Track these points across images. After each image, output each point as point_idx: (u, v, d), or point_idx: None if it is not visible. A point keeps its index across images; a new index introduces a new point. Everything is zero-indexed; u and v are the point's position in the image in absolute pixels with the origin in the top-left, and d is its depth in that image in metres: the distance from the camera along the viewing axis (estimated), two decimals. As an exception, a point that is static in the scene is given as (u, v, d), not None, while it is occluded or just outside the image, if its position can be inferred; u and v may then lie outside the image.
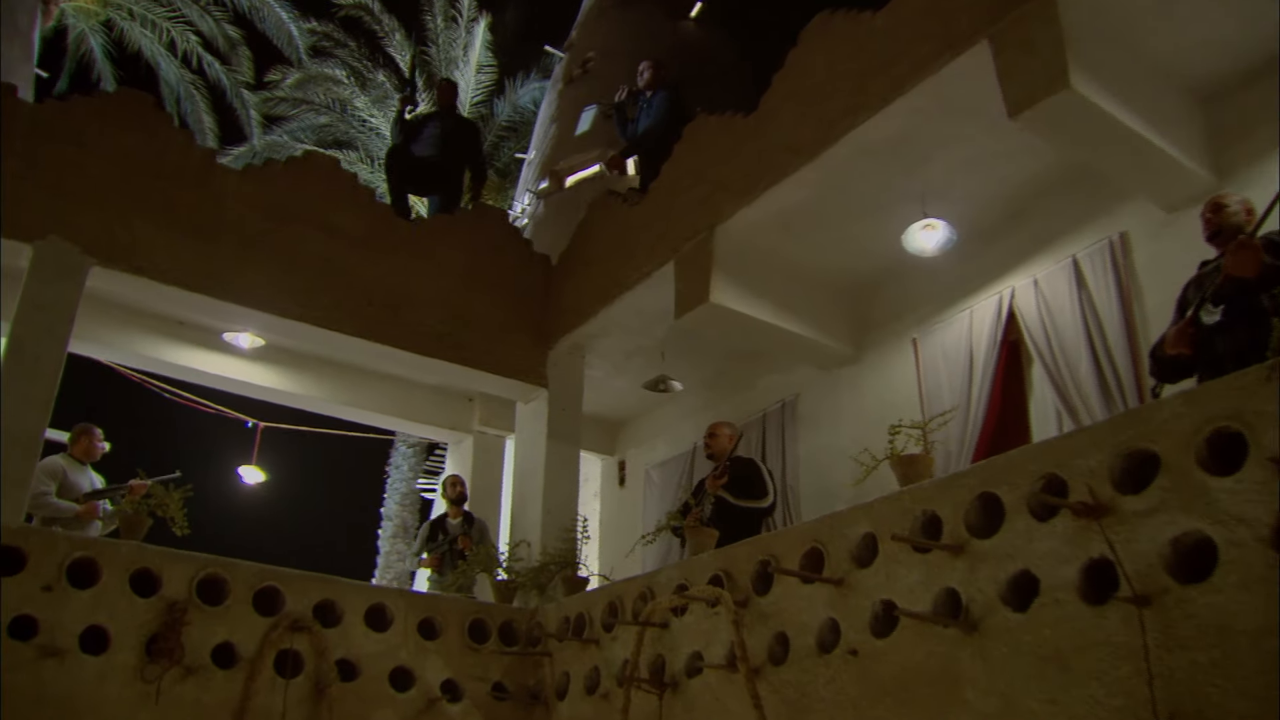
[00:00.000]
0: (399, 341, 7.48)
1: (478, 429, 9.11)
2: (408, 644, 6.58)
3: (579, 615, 6.62)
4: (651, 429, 9.62)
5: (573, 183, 13.09)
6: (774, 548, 5.23)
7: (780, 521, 7.39)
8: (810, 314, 7.24)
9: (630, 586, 6.23)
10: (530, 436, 8.16)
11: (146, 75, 18.96)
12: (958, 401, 6.37)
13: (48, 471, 6.97)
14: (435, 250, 7.92)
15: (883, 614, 4.48)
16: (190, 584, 6.02)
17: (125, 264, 6.58)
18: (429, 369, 7.86)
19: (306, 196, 7.43)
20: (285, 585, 6.32)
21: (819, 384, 7.77)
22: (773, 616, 5.08)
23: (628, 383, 8.87)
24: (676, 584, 5.79)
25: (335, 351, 7.79)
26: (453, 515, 8.09)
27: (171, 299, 6.91)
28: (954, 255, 6.43)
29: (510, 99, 20.71)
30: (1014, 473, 4.03)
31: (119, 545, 6.00)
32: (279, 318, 7.08)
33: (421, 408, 8.96)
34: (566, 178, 13.28)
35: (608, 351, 8.43)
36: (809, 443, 7.69)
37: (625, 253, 7.62)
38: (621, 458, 9.98)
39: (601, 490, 10.09)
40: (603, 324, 7.92)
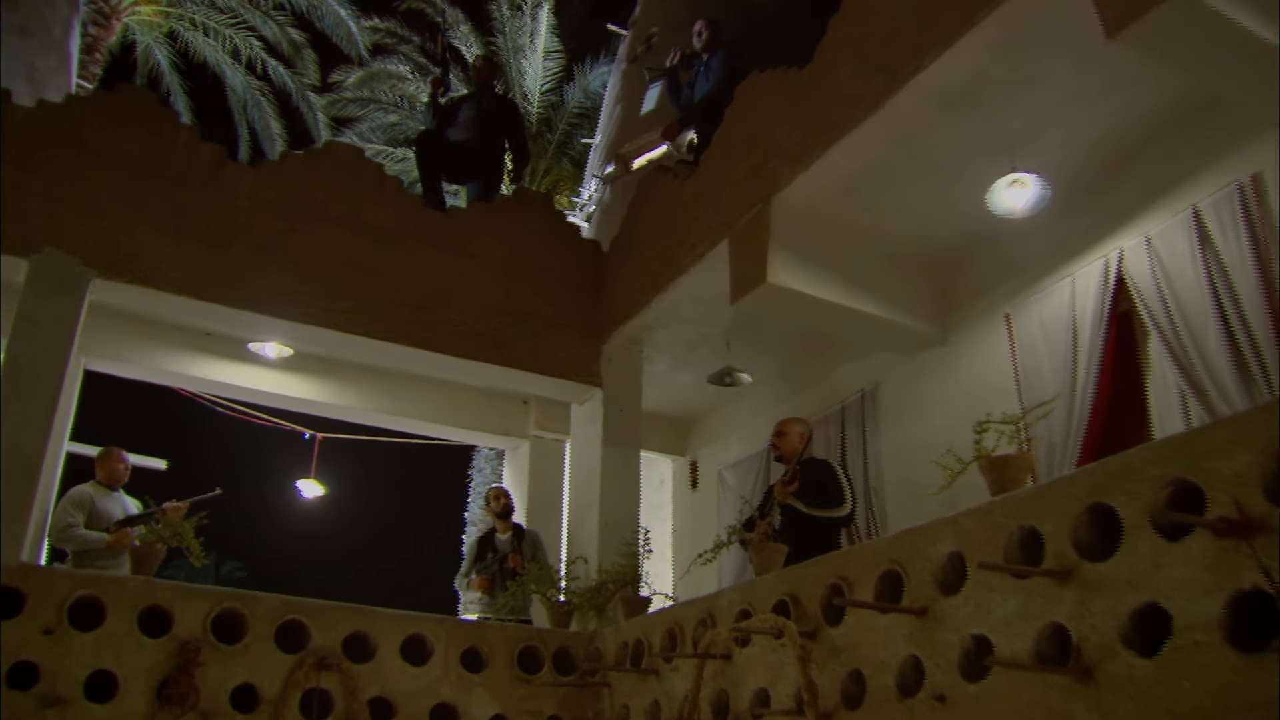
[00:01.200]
0: (434, 344, 6.89)
1: (534, 433, 8.50)
2: (450, 677, 5.99)
3: (637, 641, 5.94)
4: (723, 426, 8.87)
5: (640, 165, 12.37)
6: (846, 569, 4.46)
7: (863, 529, 6.60)
8: (886, 291, 6.42)
9: (690, 611, 5.53)
10: (585, 441, 7.50)
11: (214, 85, 18.92)
12: (1060, 386, 5.51)
13: (74, 502, 6.58)
14: (472, 242, 7.30)
15: (974, 652, 3.69)
16: (205, 621, 5.52)
17: (129, 275, 6.12)
18: (470, 371, 7.26)
19: (327, 191, 6.88)
20: (310, 618, 5.77)
21: (901, 371, 6.94)
22: (846, 651, 4.31)
23: (693, 377, 8.15)
24: (738, 609, 5.07)
25: (367, 357, 7.25)
26: (501, 530, 7.48)
27: (183, 309, 6.45)
28: (1049, 214, 5.55)
29: (580, 84, 20.15)
30: (1132, 478, 3.20)
31: (125, 582, 5.53)
32: (299, 324, 6.55)
33: (472, 413, 8.37)
34: (633, 160, 12.57)
35: (667, 343, 7.72)
36: (893, 438, 6.87)
37: (678, 233, 6.90)
38: (693, 458, 9.26)
39: (673, 494, 9.38)
40: (658, 313, 7.21)
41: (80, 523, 6.51)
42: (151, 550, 5.74)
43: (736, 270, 6.15)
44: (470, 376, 7.45)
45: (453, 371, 7.33)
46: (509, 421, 8.53)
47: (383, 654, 5.88)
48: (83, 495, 6.65)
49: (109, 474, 6.84)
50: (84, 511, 6.57)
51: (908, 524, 5.98)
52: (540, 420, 8.50)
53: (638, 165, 12.52)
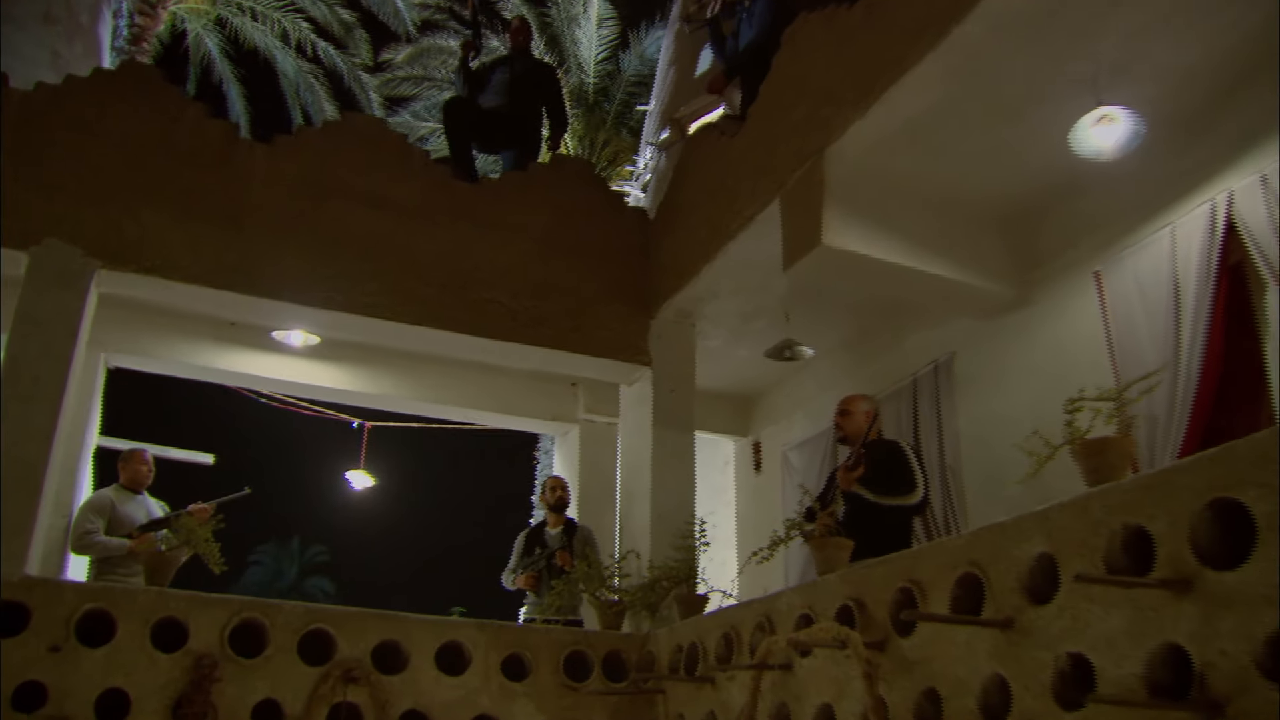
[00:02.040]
0: (466, 325, 6.42)
1: (584, 417, 8.03)
2: (490, 687, 5.55)
3: (691, 645, 5.43)
4: (786, 404, 8.30)
5: (696, 129, 11.79)
6: (918, 571, 3.89)
7: (939, 515, 5.98)
8: (957, 250, 5.79)
9: (746, 614, 5.00)
10: (635, 425, 6.98)
11: (265, 70, 18.71)
12: (1161, 352, 4.84)
13: (94, 507, 6.28)
14: (506, 215, 6.80)
15: (1071, 673, 3.10)
16: (222, 633, 5.15)
17: (135, 264, 5.76)
18: (508, 354, 6.78)
19: (347, 167, 6.45)
20: (336, 627, 5.37)
21: (978, 338, 6.30)
22: (919, 665, 3.75)
23: (750, 351, 7.57)
24: (799, 613, 4.53)
25: (397, 342, 6.82)
26: (552, 524, 7.01)
27: (194, 299, 6.07)
28: (1143, 155, 4.85)
29: (636, 51, 19.55)
30: (1267, 467, 2.58)
31: (135, 594, 5.17)
32: (320, 310, 6.12)
33: (518, 397, 7.92)
34: (690, 125, 11.99)
35: (721, 316, 7.16)
36: (971, 412, 6.23)
37: (726, 196, 6.33)
38: (755, 439, 8.70)
39: (736, 477, 8.83)
40: (709, 284, 6.65)
41: (100, 528, 6.21)
42: (165, 558, 5.38)
43: (789, 233, 5.57)
44: (510, 359, 6.97)
45: (489, 354, 6.85)
46: (557, 405, 8.06)
47: (416, 663, 5.46)
48: (103, 500, 6.35)
49: (132, 476, 6.53)
50: (104, 517, 6.26)
51: (989, 510, 5.40)
52: (590, 403, 8.02)
53: (694, 129, 11.94)
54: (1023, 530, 3.41)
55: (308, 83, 18.74)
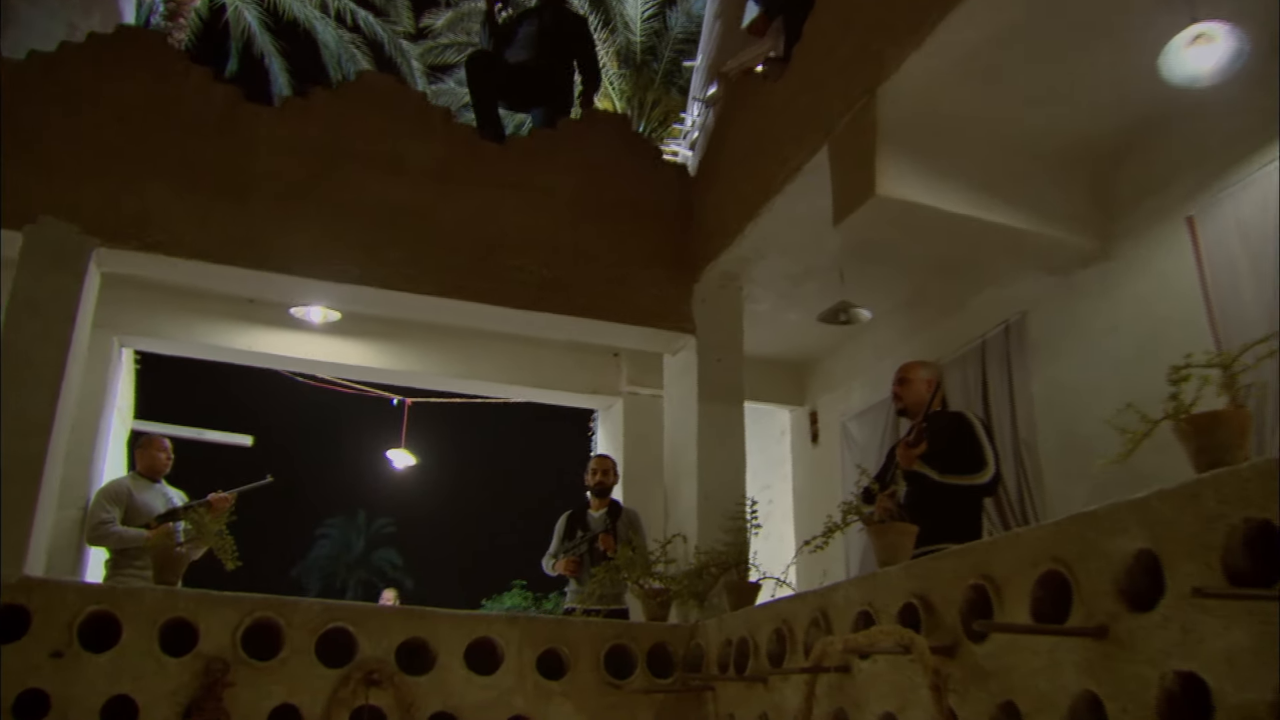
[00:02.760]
0: (494, 296, 5.99)
1: (627, 390, 7.58)
2: (524, 686, 5.15)
3: (741, 640, 4.98)
4: (843, 371, 7.78)
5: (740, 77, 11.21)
6: (992, 565, 3.37)
7: (1013, 494, 5.43)
8: (1029, 197, 5.21)
9: (800, 608, 4.53)
10: (680, 397, 6.51)
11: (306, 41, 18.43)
12: (1269, 308, 4.23)
13: (110, 496, 5.99)
14: (535, 176, 6.34)
15: (1181, 696, 2.58)
16: (234, 634, 4.80)
17: (136, 241, 5.41)
18: (540, 324, 6.34)
19: (361, 130, 6.04)
20: (356, 625, 4.99)
21: (1053, 295, 5.74)
22: (995, 676, 3.25)
23: (803, 315, 7.08)
24: (857, 610, 4.05)
25: (421, 315, 6.43)
26: (595, 506, 6.58)
27: (201, 275, 5.71)
28: (1245, 80, 4.24)
29: (684, 7, 18.92)
30: None
31: (142, 594, 4.84)
32: (335, 284, 5.72)
33: (556, 370, 7.53)
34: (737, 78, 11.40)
35: (769, 278, 6.67)
36: (1047, 379, 5.68)
37: (770, 146, 5.80)
38: (812, 408, 8.18)
39: (793, 449, 8.33)
40: (755, 243, 6.13)
41: (116, 519, 5.92)
42: (175, 554, 5.03)
43: (839, 183, 5.03)
44: (543, 329, 6.53)
45: (520, 325, 6.42)
46: (598, 377, 7.64)
47: (444, 663, 5.07)
48: (119, 489, 6.06)
49: (149, 464, 6.23)
50: (120, 506, 5.98)
51: (1070, 491, 4.85)
52: (634, 374, 7.59)
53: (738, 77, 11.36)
54: (1117, 521, 2.88)
55: (349, 53, 18.46)
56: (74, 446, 6.13)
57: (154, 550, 5.04)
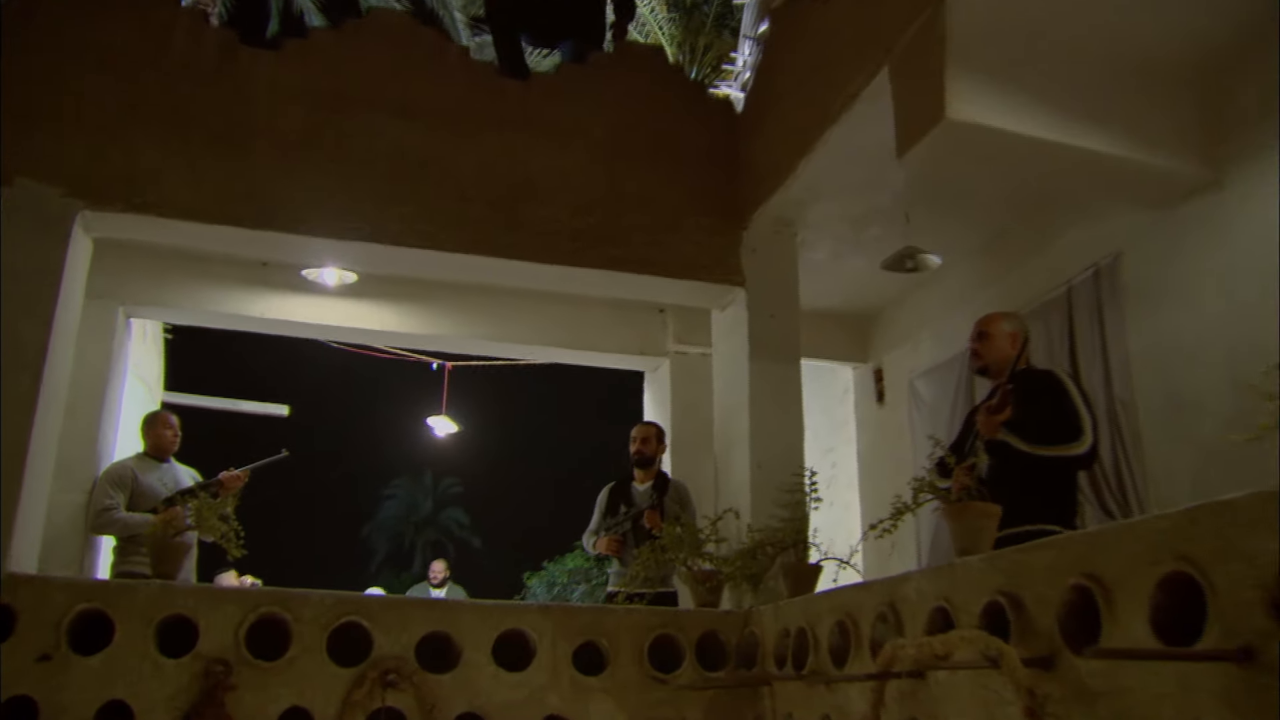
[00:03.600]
0: (520, 250, 5.45)
1: (674, 349, 7.01)
2: (559, 683, 4.65)
3: (800, 632, 4.42)
4: (911, 323, 7.13)
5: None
6: (1096, 561, 2.77)
7: (1110, 470, 4.77)
8: (1124, 117, 4.52)
9: (865, 598, 3.95)
10: (730, 357, 5.92)
11: (346, 1, 17.95)
12: None
13: (113, 480, 5.59)
14: (564, 117, 5.77)
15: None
16: (237, 632, 4.35)
17: (123, 202, 4.95)
18: (573, 280, 5.78)
19: (370, 72, 5.51)
20: (372, 620, 4.52)
21: (1153, 233, 5.03)
22: (1107, 698, 2.65)
23: (865, 262, 6.45)
24: (931, 605, 3.46)
25: (442, 273, 5.97)
26: (639, 479, 6.05)
27: (200, 237, 5.25)
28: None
29: (738, -63, 18.05)
30: None
31: (136, 589, 4.41)
32: (344, 241, 5.21)
33: (596, 329, 6.99)
34: (785, 2, 10.69)
35: (826, 222, 6.04)
36: (1144, 331, 5.00)
37: (824, 72, 5.15)
38: (877, 365, 7.54)
39: (857, 410, 7.71)
40: (809, 183, 5.49)
41: (120, 504, 5.53)
42: (173, 544, 4.60)
43: (903, 108, 4.38)
44: (576, 285, 5.97)
45: (551, 281, 5.86)
46: (644, 337, 7.09)
47: (470, 659, 4.58)
48: (122, 471, 5.66)
49: (156, 442, 5.83)
50: (125, 490, 5.59)
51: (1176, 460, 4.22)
52: (681, 332, 7.03)
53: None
54: (1262, 514, 2.26)
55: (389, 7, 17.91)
56: (77, 426, 5.77)
57: (151, 539, 4.60)
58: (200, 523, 4.57)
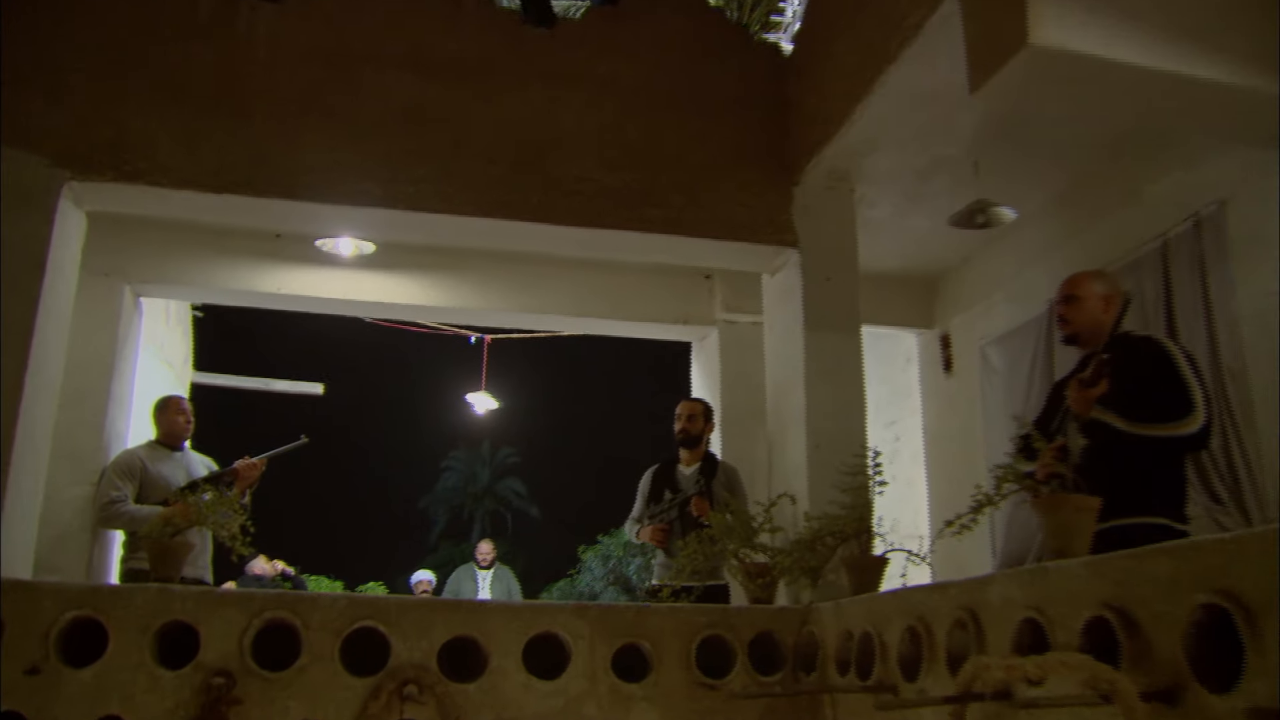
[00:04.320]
0: (547, 213, 4.98)
1: (723, 317, 6.52)
2: (598, 691, 4.21)
3: (865, 636, 3.94)
4: (982, 285, 6.57)
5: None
6: (1233, 573, 2.25)
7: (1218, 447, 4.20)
8: (1233, 42, 3.90)
9: (940, 601, 3.45)
10: (782, 325, 5.41)
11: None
12: None
13: (121, 470, 5.25)
14: (593, 66, 5.29)
15: None
16: (241, 640, 3.97)
17: (113, 171, 4.58)
18: (606, 244, 5.31)
19: (378, 23, 5.09)
20: (389, 624, 4.11)
21: (1264, 175, 4.40)
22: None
23: (930, 219, 5.92)
24: (1021, 616, 2.95)
25: (466, 242, 5.56)
26: (685, 461, 5.58)
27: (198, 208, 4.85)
28: None
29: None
30: None
31: (131, 594, 4.03)
32: (354, 208, 4.78)
33: (640, 298, 6.55)
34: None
35: (886, 175, 5.53)
36: (1255, 289, 4.42)
37: (880, 3, 4.56)
38: (943, 331, 6.97)
39: (923, 380, 7.16)
40: (866, 131, 4.94)
41: (129, 495, 5.19)
42: (172, 543, 4.22)
43: (977, 35, 3.82)
44: (613, 251, 5.52)
45: (586, 247, 5.42)
46: (689, 305, 6.62)
47: (498, 665, 4.16)
48: (131, 461, 5.32)
49: (168, 429, 5.48)
50: (133, 481, 5.24)
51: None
52: (729, 299, 6.55)
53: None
54: None
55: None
56: (83, 414, 5.44)
57: (147, 539, 4.22)
58: (197, 516, 4.19)
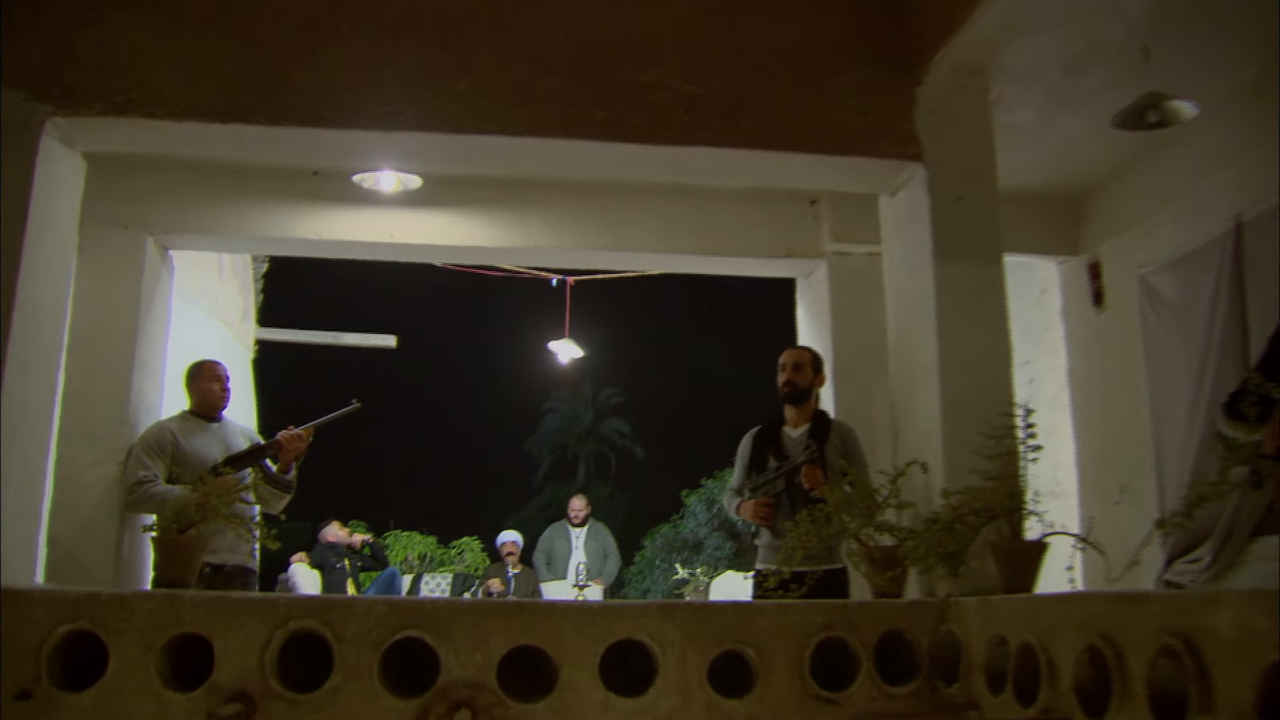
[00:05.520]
0: (614, 129, 4.18)
1: (832, 248, 5.68)
2: (691, 709, 3.50)
3: (1024, 648, 3.13)
4: (1144, 201, 5.59)
5: None
6: None
7: None
8: None
9: (1135, 616, 2.64)
10: (906, 258, 4.55)
11: None
12: None
13: (149, 447, 4.72)
14: (669, -49, 4.41)
15: None
16: (262, 655, 3.35)
17: (104, 103, 3.95)
18: (686, 165, 4.46)
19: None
20: (438, 634, 3.44)
21: None
22: None
23: (1084, 121, 4.97)
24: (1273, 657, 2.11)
25: (520, 169, 4.83)
26: (792, 422, 4.77)
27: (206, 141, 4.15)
28: None
29: None
30: None
31: (133, 603, 3.42)
32: (383, 132, 4.04)
33: (732, 230, 5.78)
34: None
35: (1031, 67, 4.60)
36: None
37: None
38: (1093, 258, 6.00)
39: (1065, 317, 6.21)
40: (1005, 14, 4.00)
41: (159, 474, 4.63)
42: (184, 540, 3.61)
43: None
44: (698, 173, 4.72)
45: (664, 169, 4.61)
46: (791, 235, 5.80)
47: (569, 680, 3.46)
48: (160, 436, 4.75)
49: (201, 397, 4.91)
50: (164, 458, 4.69)
51: None
52: (839, 227, 5.69)
53: None
54: None
55: None
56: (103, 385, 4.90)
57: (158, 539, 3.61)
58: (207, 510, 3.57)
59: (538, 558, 10.36)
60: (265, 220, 5.26)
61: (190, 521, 3.62)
